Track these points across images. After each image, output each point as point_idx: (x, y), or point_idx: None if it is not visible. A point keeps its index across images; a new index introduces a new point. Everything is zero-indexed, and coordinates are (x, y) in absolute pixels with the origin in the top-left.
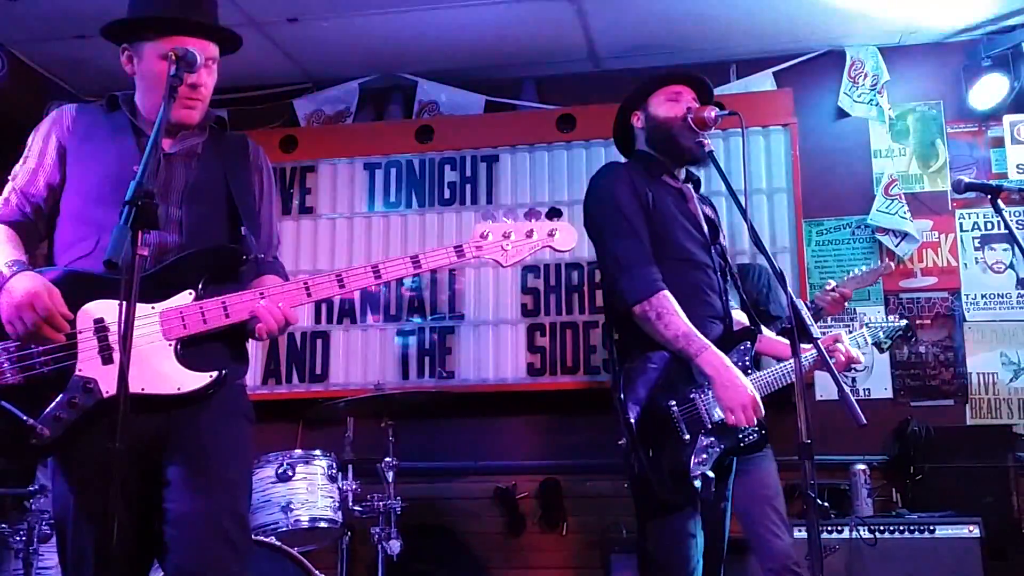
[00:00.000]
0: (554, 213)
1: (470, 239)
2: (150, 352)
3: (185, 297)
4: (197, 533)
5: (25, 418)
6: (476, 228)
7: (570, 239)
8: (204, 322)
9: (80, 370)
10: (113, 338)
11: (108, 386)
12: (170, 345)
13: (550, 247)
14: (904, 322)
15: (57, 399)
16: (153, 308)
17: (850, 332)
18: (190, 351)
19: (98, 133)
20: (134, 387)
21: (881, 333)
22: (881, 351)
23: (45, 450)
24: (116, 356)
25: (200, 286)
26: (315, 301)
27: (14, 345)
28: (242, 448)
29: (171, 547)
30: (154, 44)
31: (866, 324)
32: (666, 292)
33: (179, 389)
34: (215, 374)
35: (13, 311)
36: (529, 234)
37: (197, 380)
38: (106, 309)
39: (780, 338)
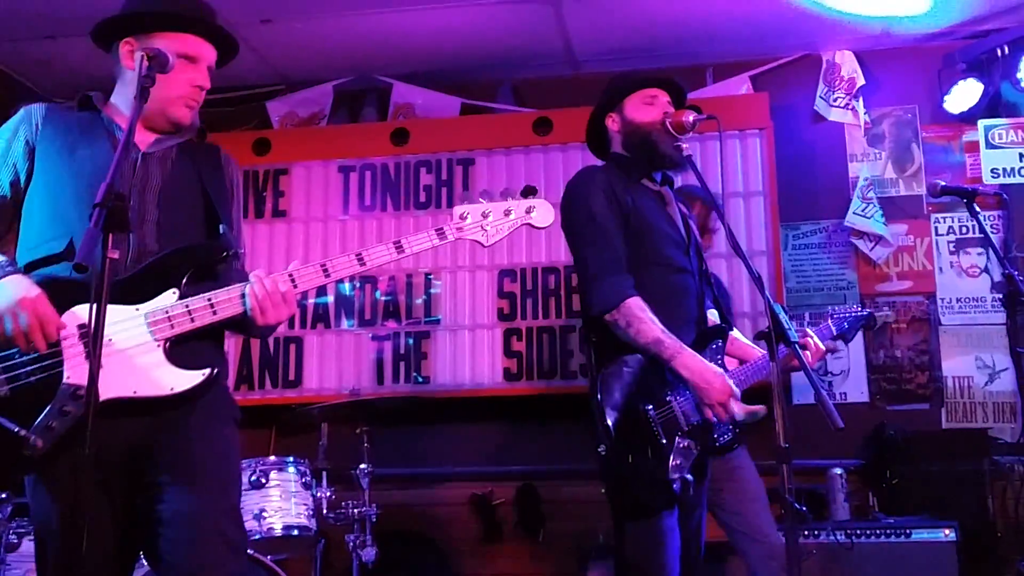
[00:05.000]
0: (529, 191)
1: (450, 221)
2: (139, 354)
3: (169, 296)
4: (197, 533)
5: (17, 429)
6: (455, 210)
7: (548, 216)
8: (191, 320)
9: (68, 377)
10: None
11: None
12: (158, 346)
13: (529, 224)
14: (867, 311)
15: (47, 408)
16: (138, 310)
17: (817, 325)
18: (178, 350)
19: (70, 133)
20: (125, 391)
21: (845, 324)
22: (846, 342)
23: (38, 462)
24: (104, 360)
25: (183, 284)
26: (302, 292)
27: None
28: (233, 449)
29: (169, 548)
30: (168, 41)
31: (831, 315)
32: (635, 299)
33: (172, 389)
34: (207, 371)
35: (12, 303)
36: (507, 212)
37: (190, 379)
38: (87, 313)
39: (746, 340)
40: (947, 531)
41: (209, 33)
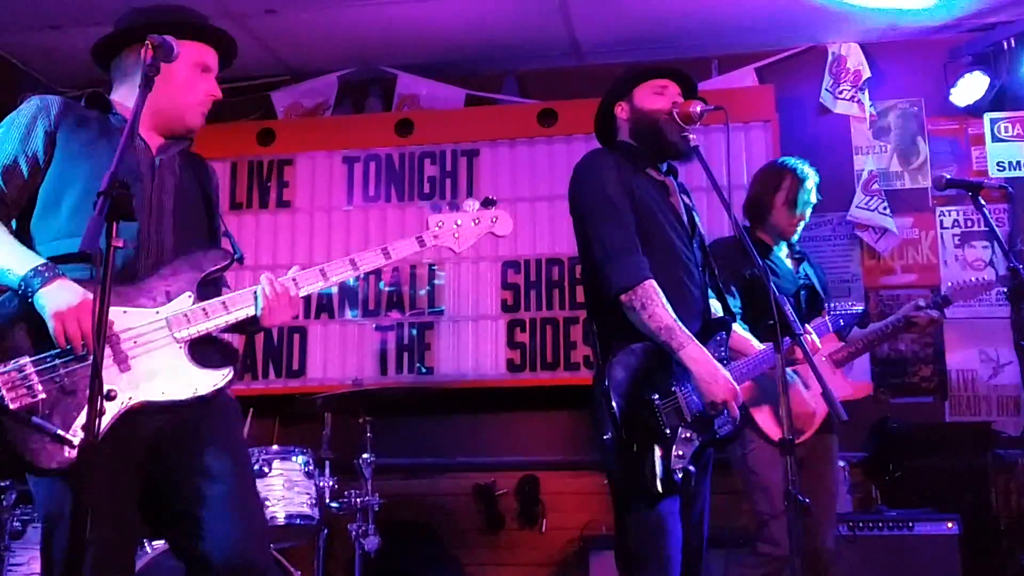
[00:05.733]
0: (488, 203)
1: (427, 230)
2: (163, 356)
3: (185, 300)
4: (245, 525)
5: (57, 430)
6: (430, 219)
7: (508, 225)
8: (209, 320)
9: None
10: (125, 345)
11: (129, 391)
12: (181, 348)
13: (492, 233)
14: (860, 308)
15: (84, 410)
16: (158, 313)
17: (812, 322)
18: (198, 352)
19: (88, 131)
20: (154, 394)
21: (841, 320)
22: (841, 339)
23: (79, 463)
24: (131, 363)
25: (197, 287)
26: (305, 293)
27: (30, 361)
28: (245, 444)
29: (215, 541)
30: (190, 47)
31: (828, 312)
32: (652, 282)
33: (196, 391)
34: (228, 371)
35: (74, 310)
36: (475, 221)
37: (212, 379)
38: (115, 317)
39: (746, 334)
40: (950, 524)
41: (219, 42)
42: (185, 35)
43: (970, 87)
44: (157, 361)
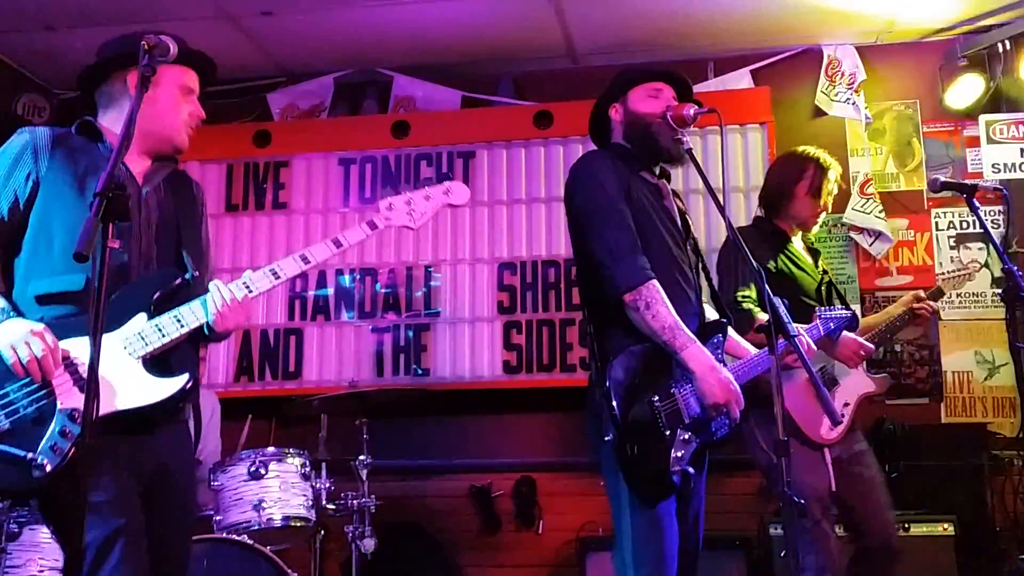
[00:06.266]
0: (444, 178)
1: (378, 213)
2: (118, 373)
3: (140, 320)
4: (182, 554)
5: (23, 453)
6: (380, 203)
7: (463, 193)
8: (162, 336)
9: (63, 404)
10: (83, 369)
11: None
12: (137, 363)
13: (448, 204)
14: (850, 312)
15: (48, 432)
16: (114, 336)
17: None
18: (156, 364)
19: (78, 164)
20: (109, 407)
21: (831, 324)
22: (832, 341)
23: (49, 482)
24: None
25: (151, 308)
26: (258, 295)
27: None
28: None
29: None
30: (173, 71)
31: (819, 316)
32: (655, 282)
33: (159, 396)
34: (187, 377)
35: (23, 336)
36: (427, 198)
37: (171, 386)
38: (72, 346)
39: (739, 337)
40: (945, 525)
41: (199, 64)
42: (177, 60)
43: (965, 89)
44: (115, 378)
